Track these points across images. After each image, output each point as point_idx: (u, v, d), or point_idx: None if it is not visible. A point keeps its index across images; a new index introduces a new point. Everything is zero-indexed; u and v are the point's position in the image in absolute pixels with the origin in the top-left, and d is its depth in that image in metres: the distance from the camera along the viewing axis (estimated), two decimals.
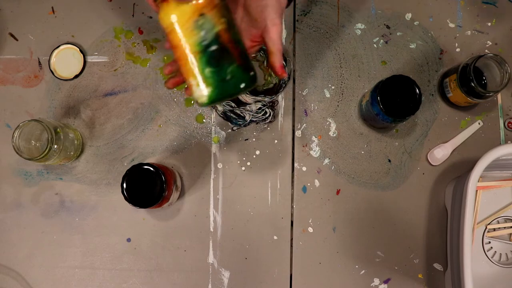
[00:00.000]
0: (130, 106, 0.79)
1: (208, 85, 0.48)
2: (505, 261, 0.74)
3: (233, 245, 0.76)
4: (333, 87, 0.79)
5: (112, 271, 0.76)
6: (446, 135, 0.77)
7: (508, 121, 0.77)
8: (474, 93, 0.70)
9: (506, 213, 0.75)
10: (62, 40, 0.81)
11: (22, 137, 0.70)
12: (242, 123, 0.76)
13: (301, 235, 0.75)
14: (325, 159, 0.77)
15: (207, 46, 0.47)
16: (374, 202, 0.76)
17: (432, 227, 0.75)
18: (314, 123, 0.78)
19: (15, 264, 0.76)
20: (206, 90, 0.48)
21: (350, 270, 0.75)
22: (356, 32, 0.80)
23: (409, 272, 0.75)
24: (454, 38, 0.79)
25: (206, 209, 0.76)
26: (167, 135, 0.78)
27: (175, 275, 0.75)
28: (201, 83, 0.48)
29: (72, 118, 0.79)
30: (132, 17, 0.81)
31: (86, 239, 0.76)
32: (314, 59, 0.79)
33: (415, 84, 0.68)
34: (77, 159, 0.78)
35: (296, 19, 0.80)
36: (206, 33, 0.47)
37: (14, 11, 0.82)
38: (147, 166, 0.67)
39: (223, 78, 0.48)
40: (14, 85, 0.80)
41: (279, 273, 0.75)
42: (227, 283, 0.75)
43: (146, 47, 0.80)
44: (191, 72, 0.48)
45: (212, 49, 0.47)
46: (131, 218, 0.77)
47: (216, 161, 0.77)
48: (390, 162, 0.77)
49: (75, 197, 0.77)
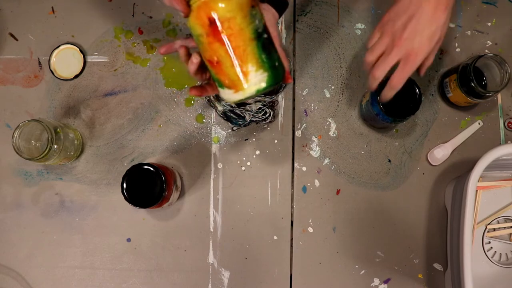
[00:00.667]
0: (130, 106, 0.79)
1: (265, 70, 0.50)
2: (505, 261, 0.74)
3: (233, 245, 0.76)
4: (333, 87, 0.79)
5: (112, 271, 0.76)
6: (446, 135, 0.77)
7: (508, 121, 0.77)
8: (474, 93, 0.70)
9: (506, 213, 0.75)
10: (62, 40, 0.81)
11: (22, 137, 0.70)
12: (242, 123, 0.76)
13: (301, 235, 0.75)
14: (325, 159, 0.77)
15: (261, 34, 0.50)
16: (374, 202, 0.76)
17: (432, 227, 0.75)
18: (314, 123, 0.78)
19: (15, 264, 0.76)
20: (264, 75, 0.51)
21: (350, 270, 0.75)
22: (356, 32, 0.80)
23: (409, 272, 0.75)
24: (454, 38, 0.79)
25: (206, 209, 0.76)
26: (167, 135, 0.78)
27: (175, 275, 0.75)
28: (260, 69, 0.50)
29: (72, 118, 0.79)
30: (132, 17, 0.81)
31: (86, 239, 0.76)
32: (314, 59, 0.79)
33: (415, 84, 0.68)
34: (77, 159, 0.78)
35: (296, 19, 0.80)
36: (259, 22, 0.50)
37: (14, 11, 0.82)
38: (147, 166, 0.67)
39: (273, 64, 0.51)
40: (14, 85, 0.80)
41: (279, 273, 0.75)
42: (227, 283, 0.75)
43: (146, 47, 0.80)
44: (250, 58, 0.50)
45: (264, 37, 0.50)
46: (131, 218, 0.77)
47: (216, 161, 0.77)
48: (390, 162, 0.77)
49: (75, 197, 0.77)
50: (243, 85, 0.51)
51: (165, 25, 0.81)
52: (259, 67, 0.50)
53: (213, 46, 0.49)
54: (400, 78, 0.59)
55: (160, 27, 0.81)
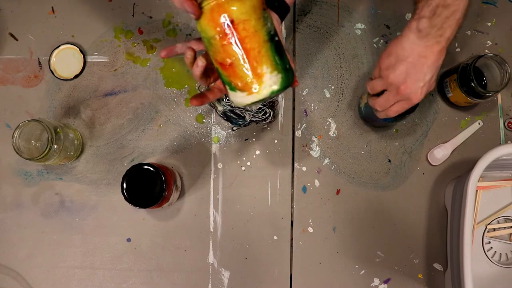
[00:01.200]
0: (130, 106, 0.79)
1: (279, 72, 0.51)
2: (505, 261, 0.74)
3: (233, 245, 0.76)
4: (333, 87, 0.79)
5: (112, 271, 0.76)
6: (446, 135, 0.77)
7: (508, 121, 0.77)
8: (474, 93, 0.70)
9: (506, 213, 0.75)
10: (62, 40, 0.81)
11: (22, 137, 0.70)
12: (242, 123, 0.76)
13: (301, 235, 0.75)
14: (325, 159, 0.77)
15: (273, 36, 0.50)
16: (374, 202, 0.76)
17: (432, 227, 0.75)
18: (314, 123, 0.78)
19: (15, 264, 0.76)
20: (278, 76, 0.51)
21: (350, 270, 0.75)
22: (356, 32, 0.80)
23: (409, 272, 0.75)
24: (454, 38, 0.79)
25: (206, 209, 0.76)
26: (167, 135, 0.78)
27: (175, 275, 0.75)
28: (274, 70, 0.51)
29: (72, 118, 0.79)
30: (132, 17, 0.81)
31: (86, 239, 0.76)
32: (314, 59, 0.79)
33: None
34: (77, 159, 0.78)
35: (296, 19, 0.80)
36: (271, 24, 0.50)
37: (14, 11, 0.82)
38: (147, 166, 0.67)
39: (286, 66, 0.51)
40: (14, 85, 0.80)
41: (279, 273, 0.75)
42: (227, 283, 0.75)
43: (146, 47, 0.80)
44: (265, 59, 0.50)
45: (276, 39, 0.51)
46: (131, 218, 0.77)
47: (216, 161, 0.77)
48: (390, 162, 0.77)
49: (75, 197, 0.77)
50: (257, 87, 0.51)
51: (165, 25, 0.81)
52: (274, 69, 0.50)
53: (227, 48, 0.49)
54: (397, 111, 0.62)
55: (160, 27, 0.81)
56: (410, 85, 0.59)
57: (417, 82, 0.58)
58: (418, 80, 0.58)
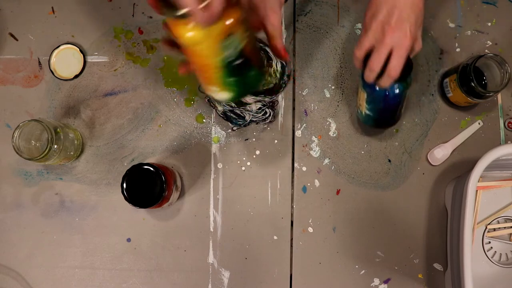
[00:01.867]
0: (130, 106, 0.79)
1: (230, 90, 0.50)
2: (505, 261, 0.74)
3: (233, 245, 0.76)
4: (333, 87, 0.79)
5: (112, 271, 0.76)
6: (446, 135, 0.77)
7: (508, 121, 0.77)
8: (474, 93, 0.70)
9: (506, 213, 0.75)
10: (62, 40, 0.81)
11: (22, 137, 0.70)
12: (242, 123, 0.76)
13: (301, 235, 0.75)
14: (325, 159, 0.77)
15: (231, 62, 0.48)
16: (374, 202, 0.76)
17: (432, 227, 0.75)
18: (314, 123, 0.78)
19: (15, 264, 0.76)
20: (227, 94, 0.51)
21: (350, 270, 0.75)
22: (356, 32, 0.80)
23: (409, 272, 0.75)
24: (454, 38, 0.79)
25: (206, 209, 0.76)
26: (167, 135, 0.78)
27: (175, 275, 0.75)
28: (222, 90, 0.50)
29: (72, 118, 0.79)
30: (132, 17, 0.81)
31: (86, 239, 0.76)
32: (314, 59, 0.79)
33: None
34: (77, 159, 0.78)
35: (296, 19, 0.80)
36: (232, 51, 0.47)
37: (14, 11, 0.82)
38: (147, 166, 0.67)
39: (244, 82, 0.50)
40: (14, 85, 0.80)
41: (279, 273, 0.75)
42: (227, 283, 0.75)
43: (146, 47, 0.80)
44: (213, 81, 0.50)
45: (236, 63, 0.48)
46: (131, 218, 0.77)
47: (216, 161, 0.77)
48: (390, 162, 0.77)
49: (75, 197, 0.77)
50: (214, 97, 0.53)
51: None
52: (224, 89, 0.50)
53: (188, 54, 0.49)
54: (397, 65, 0.60)
55: (160, 27, 0.81)
56: (395, 26, 0.58)
57: (402, 23, 0.58)
58: (403, 20, 0.57)
